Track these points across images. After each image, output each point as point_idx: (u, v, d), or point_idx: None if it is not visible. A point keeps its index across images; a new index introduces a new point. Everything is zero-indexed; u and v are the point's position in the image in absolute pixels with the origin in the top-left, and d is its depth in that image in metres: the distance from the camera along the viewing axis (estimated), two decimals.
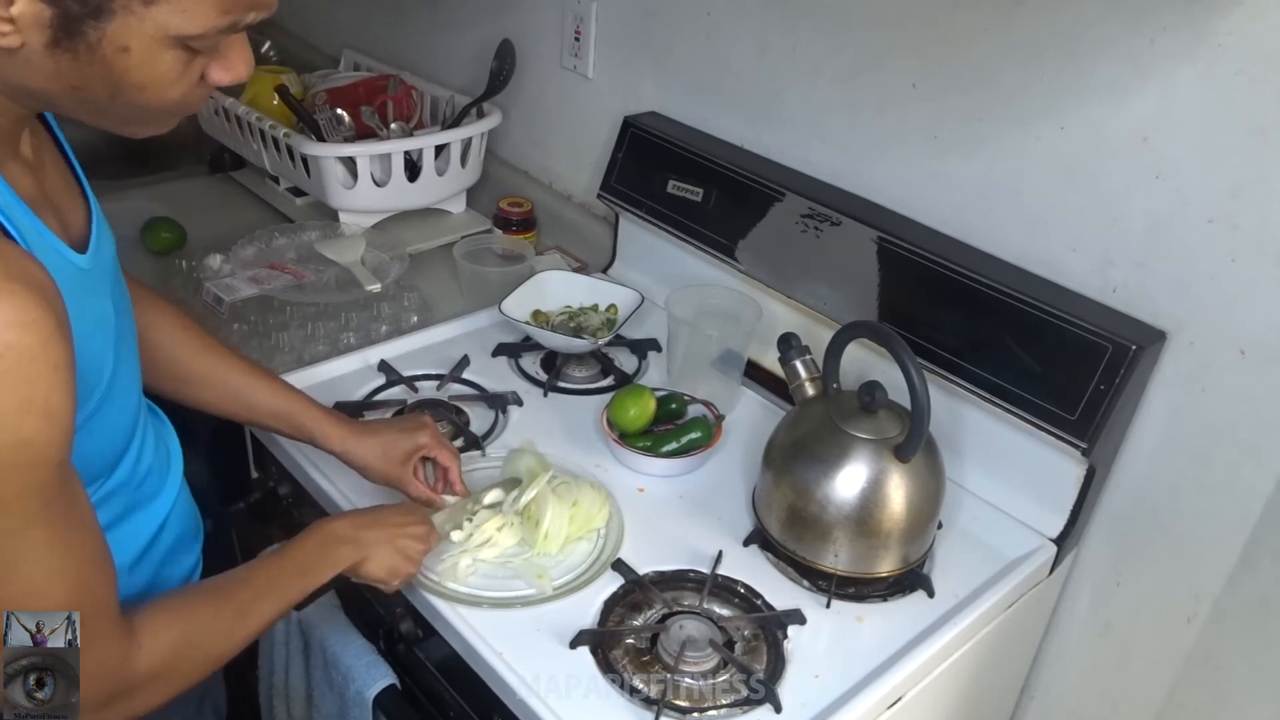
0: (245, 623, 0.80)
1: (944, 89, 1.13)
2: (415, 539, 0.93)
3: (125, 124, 0.69)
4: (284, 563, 0.86)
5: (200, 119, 1.85)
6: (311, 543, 0.88)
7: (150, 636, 0.71)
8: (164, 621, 0.73)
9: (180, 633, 0.74)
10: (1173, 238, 0.99)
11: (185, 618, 0.75)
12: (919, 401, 0.94)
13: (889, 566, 1.01)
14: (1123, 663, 1.17)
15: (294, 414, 1.02)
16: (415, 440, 1.03)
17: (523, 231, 1.66)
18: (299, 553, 0.87)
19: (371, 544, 0.90)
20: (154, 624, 0.72)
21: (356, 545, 0.89)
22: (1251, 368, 0.97)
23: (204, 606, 0.78)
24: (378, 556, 0.90)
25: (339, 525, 0.90)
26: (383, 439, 1.03)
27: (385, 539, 0.91)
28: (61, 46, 0.60)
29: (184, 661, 0.74)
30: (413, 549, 0.92)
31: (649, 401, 1.18)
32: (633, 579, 1.00)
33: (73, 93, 0.64)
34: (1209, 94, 0.93)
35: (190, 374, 0.99)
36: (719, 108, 1.40)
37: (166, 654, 0.72)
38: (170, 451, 0.93)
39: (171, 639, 0.73)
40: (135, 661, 0.70)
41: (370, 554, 0.89)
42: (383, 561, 0.90)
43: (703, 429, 1.18)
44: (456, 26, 1.81)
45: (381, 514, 0.94)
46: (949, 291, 1.11)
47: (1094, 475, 1.05)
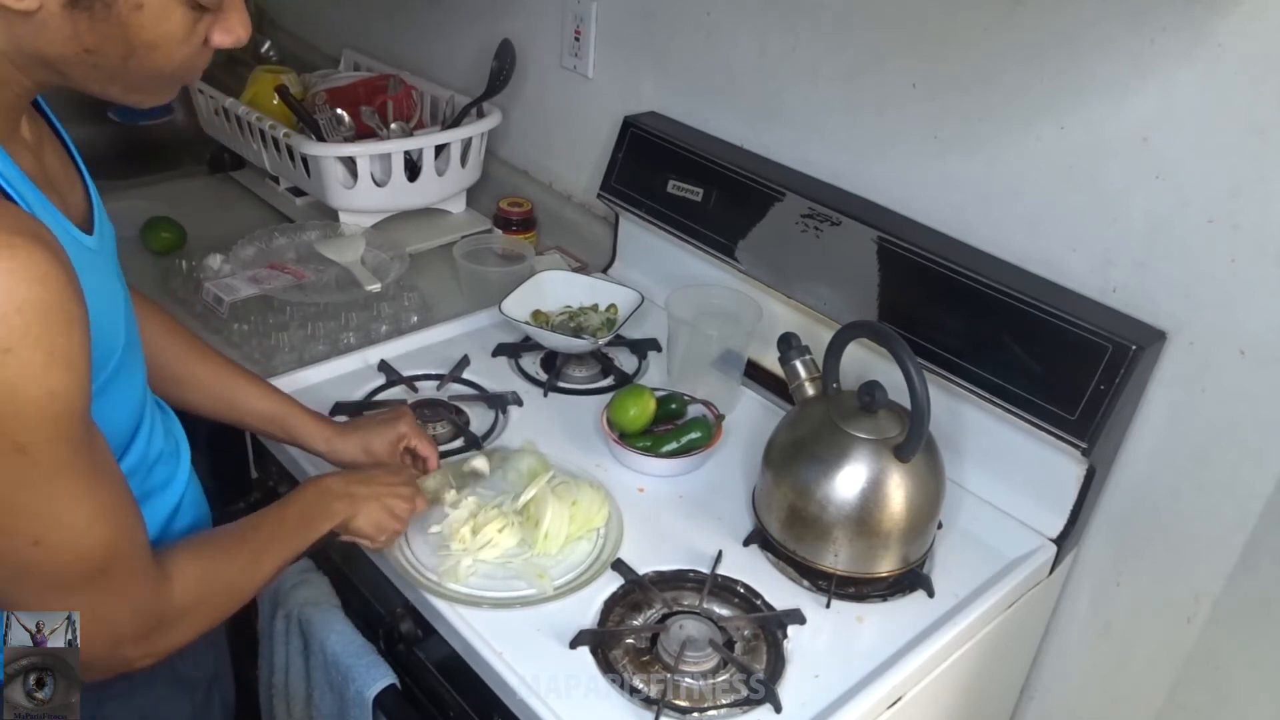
0: (259, 564, 0.84)
1: (944, 89, 1.13)
2: (402, 499, 0.97)
3: (132, 90, 0.70)
4: (286, 513, 0.89)
5: (200, 119, 1.85)
6: (310, 495, 0.92)
7: (179, 573, 0.75)
8: (189, 559, 0.77)
9: (205, 569, 0.78)
10: (1173, 238, 0.99)
11: (209, 556, 0.80)
12: (919, 401, 0.94)
13: (889, 566, 1.01)
14: (1123, 663, 1.17)
15: (278, 416, 1.05)
16: (396, 430, 1.06)
17: (523, 231, 1.66)
18: (299, 504, 0.91)
19: (362, 500, 0.94)
20: (180, 562, 0.76)
21: (350, 500, 0.93)
22: (1251, 368, 0.97)
23: (223, 548, 0.83)
24: (367, 512, 0.94)
25: (333, 480, 0.94)
26: (364, 435, 1.06)
27: (374, 495, 0.95)
28: (79, 6, 0.62)
29: (211, 596, 0.79)
30: (399, 507, 0.96)
31: (649, 401, 1.18)
32: (632, 579, 1.00)
33: (86, 57, 0.65)
34: (1209, 94, 0.93)
35: (178, 376, 1.01)
36: (719, 108, 1.40)
37: (195, 589, 0.77)
38: (179, 441, 0.93)
39: (198, 575, 0.77)
40: (170, 595, 0.74)
41: (360, 509, 0.93)
42: (371, 517, 0.94)
43: (703, 429, 1.18)
44: (456, 26, 1.81)
45: (372, 473, 0.98)
46: (949, 291, 1.11)
47: (1094, 475, 1.05)
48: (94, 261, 0.73)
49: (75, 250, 0.69)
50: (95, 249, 0.74)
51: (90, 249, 0.73)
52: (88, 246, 0.73)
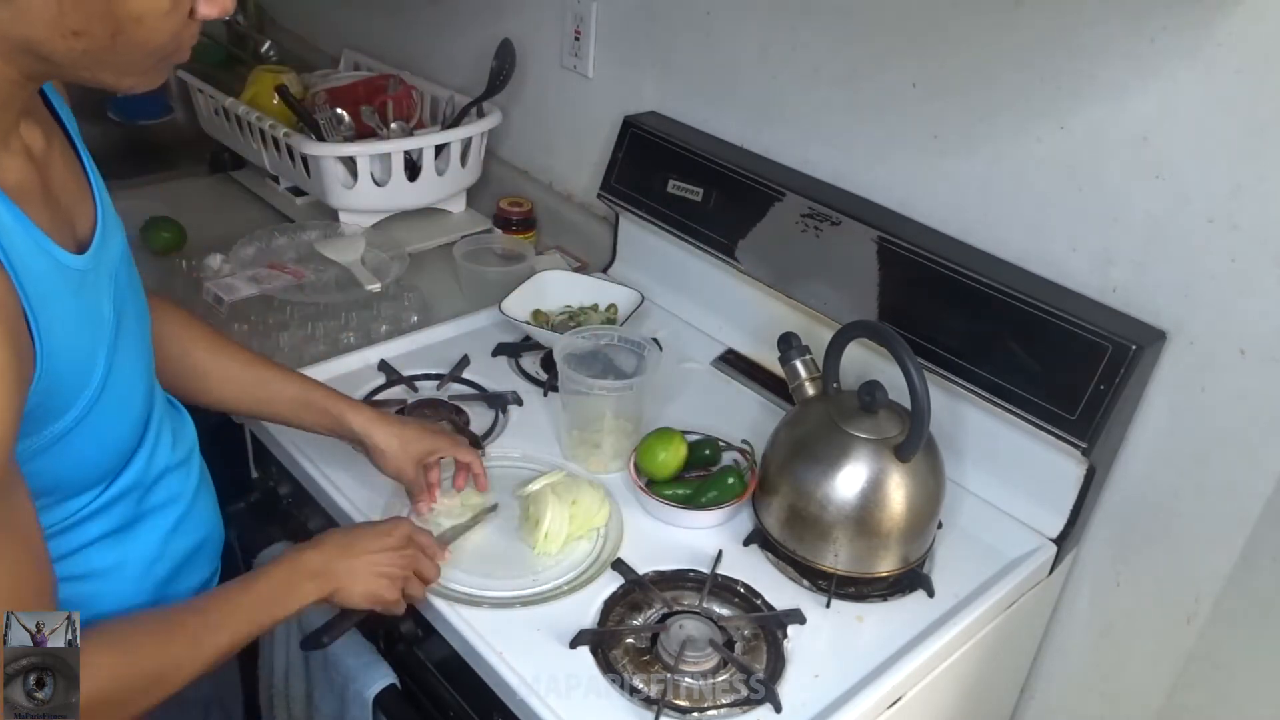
0: (198, 651, 0.76)
1: (944, 89, 1.13)
2: (394, 565, 0.90)
3: (124, 73, 0.68)
4: (247, 593, 0.82)
5: (200, 119, 1.85)
6: (279, 574, 0.85)
7: (85, 664, 0.67)
8: (103, 649, 0.69)
9: (120, 661, 0.71)
10: (1173, 237, 0.99)
11: (130, 645, 0.73)
12: (919, 401, 0.94)
13: (889, 566, 1.01)
14: (1123, 663, 1.17)
15: (316, 400, 1.02)
16: (434, 442, 1.04)
17: (523, 231, 1.66)
18: (265, 584, 0.84)
19: (345, 574, 0.87)
20: (90, 652, 0.67)
21: (326, 578, 0.86)
22: (1251, 368, 0.97)
23: (151, 634, 0.75)
24: (352, 586, 0.88)
25: (310, 557, 0.87)
26: (405, 430, 1.04)
27: (361, 567, 0.88)
28: None
29: (127, 690, 0.71)
30: (393, 571, 0.90)
31: (680, 446, 1.10)
32: (632, 579, 1.00)
33: (73, 40, 0.63)
34: (1209, 94, 0.93)
35: (207, 372, 0.99)
36: (719, 108, 1.40)
37: (106, 682, 0.69)
38: (191, 449, 0.92)
39: (111, 665, 0.69)
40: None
41: (343, 584, 0.87)
42: (358, 589, 0.88)
43: (735, 476, 1.09)
44: (456, 26, 1.81)
45: (359, 540, 0.90)
46: (949, 291, 1.11)
47: (1094, 475, 1.05)
48: (75, 282, 0.71)
49: (49, 271, 0.67)
50: (82, 269, 0.72)
51: (75, 269, 0.71)
52: (70, 266, 0.70)
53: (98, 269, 0.75)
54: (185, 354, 0.97)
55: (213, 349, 1.00)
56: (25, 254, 0.65)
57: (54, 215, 0.71)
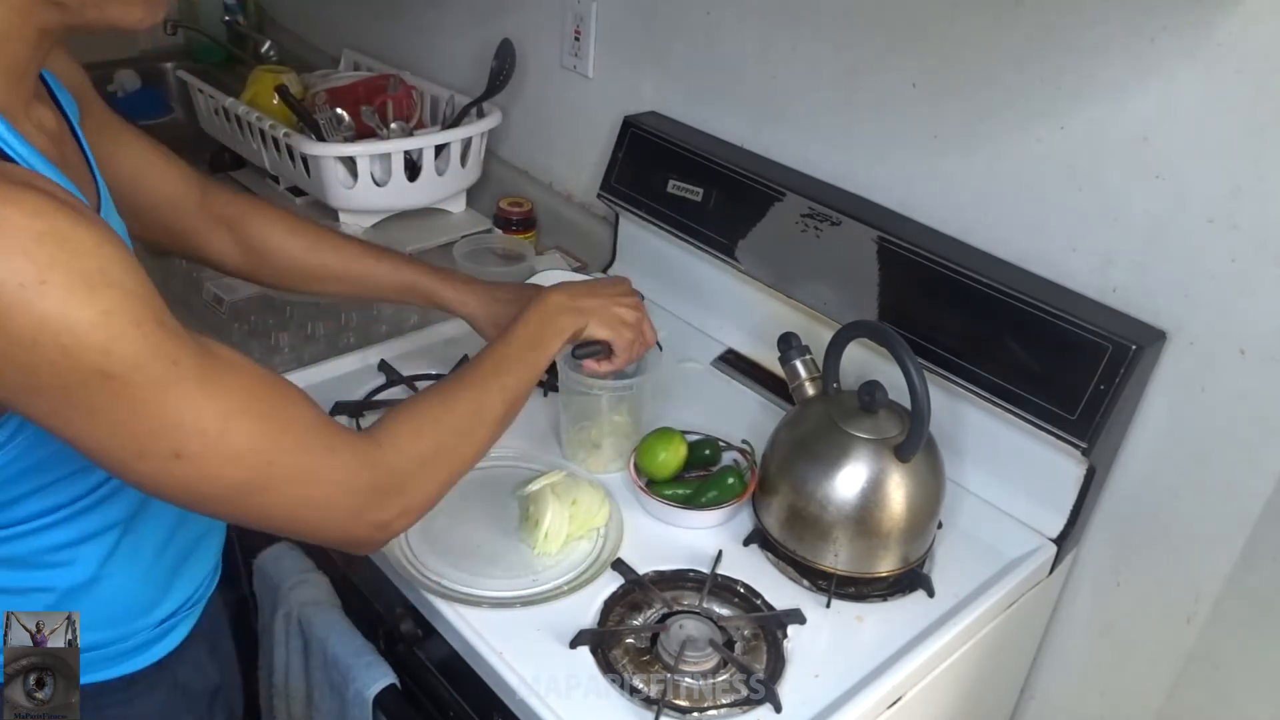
0: (487, 400, 0.84)
1: (944, 89, 1.13)
2: (630, 307, 1.00)
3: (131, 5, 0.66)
4: (509, 343, 0.89)
5: (200, 119, 1.85)
6: (532, 319, 0.92)
7: (387, 435, 0.75)
8: (397, 420, 0.77)
9: (416, 424, 0.78)
10: (1173, 238, 0.99)
11: (419, 410, 0.79)
12: (919, 401, 0.94)
13: (889, 566, 1.01)
14: (1123, 663, 1.17)
15: (415, 283, 1.06)
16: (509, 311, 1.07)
17: (523, 231, 1.66)
18: (523, 328, 0.91)
19: (590, 310, 0.96)
20: (387, 426, 0.76)
21: (578, 313, 0.95)
22: (1251, 368, 0.97)
23: (435, 397, 0.82)
24: (599, 319, 0.97)
25: (555, 298, 0.95)
26: (489, 296, 1.06)
27: (602, 305, 0.98)
28: None
29: (437, 446, 0.78)
30: (629, 314, 1.00)
31: (680, 446, 1.10)
32: (632, 579, 1.00)
33: None
34: (1209, 94, 0.93)
35: (310, 271, 1.04)
36: (719, 108, 1.41)
37: (411, 445, 0.76)
38: None
39: (411, 430, 0.77)
40: (379, 460, 0.73)
41: (591, 319, 0.96)
42: (604, 322, 0.97)
43: (735, 476, 1.09)
44: (456, 26, 1.82)
45: (594, 285, 1.01)
46: (949, 291, 1.11)
47: (1094, 475, 1.05)
48: None
49: None
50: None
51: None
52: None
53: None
54: (291, 254, 1.02)
55: (316, 247, 1.04)
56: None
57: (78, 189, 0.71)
